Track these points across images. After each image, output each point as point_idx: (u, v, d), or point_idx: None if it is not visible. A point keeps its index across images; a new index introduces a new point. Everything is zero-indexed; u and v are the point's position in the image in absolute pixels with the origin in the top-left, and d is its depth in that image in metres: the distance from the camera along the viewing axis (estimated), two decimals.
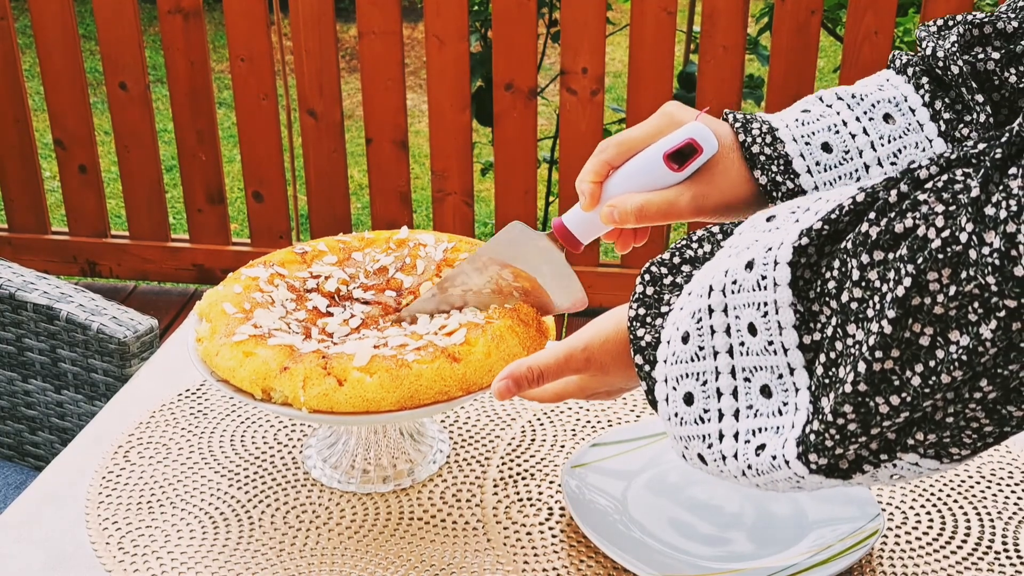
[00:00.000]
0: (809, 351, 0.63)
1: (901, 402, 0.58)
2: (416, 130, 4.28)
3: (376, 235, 1.13)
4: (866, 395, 0.58)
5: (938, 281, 0.55)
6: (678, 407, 0.69)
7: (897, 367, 0.57)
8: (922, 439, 0.60)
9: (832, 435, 0.61)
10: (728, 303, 0.65)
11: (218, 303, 1.01)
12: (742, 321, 0.65)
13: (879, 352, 0.57)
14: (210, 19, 4.90)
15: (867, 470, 0.62)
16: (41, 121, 3.99)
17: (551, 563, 0.94)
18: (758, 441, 0.65)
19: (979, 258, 0.53)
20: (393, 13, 2.52)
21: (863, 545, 0.93)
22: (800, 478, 0.64)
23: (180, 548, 0.96)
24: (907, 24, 3.03)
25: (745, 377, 0.65)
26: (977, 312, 0.54)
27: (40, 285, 1.41)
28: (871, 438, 0.60)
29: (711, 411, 0.67)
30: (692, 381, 0.68)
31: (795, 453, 0.63)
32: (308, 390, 0.91)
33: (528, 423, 1.13)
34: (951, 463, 0.63)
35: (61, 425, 1.44)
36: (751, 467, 0.66)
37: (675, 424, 0.70)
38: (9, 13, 2.68)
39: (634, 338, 0.73)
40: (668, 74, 2.51)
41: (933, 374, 0.56)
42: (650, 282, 0.75)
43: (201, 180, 2.79)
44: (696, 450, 0.68)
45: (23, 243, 2.92)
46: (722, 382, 0.66)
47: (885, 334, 0.57)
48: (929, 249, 0.55)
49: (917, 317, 0.56)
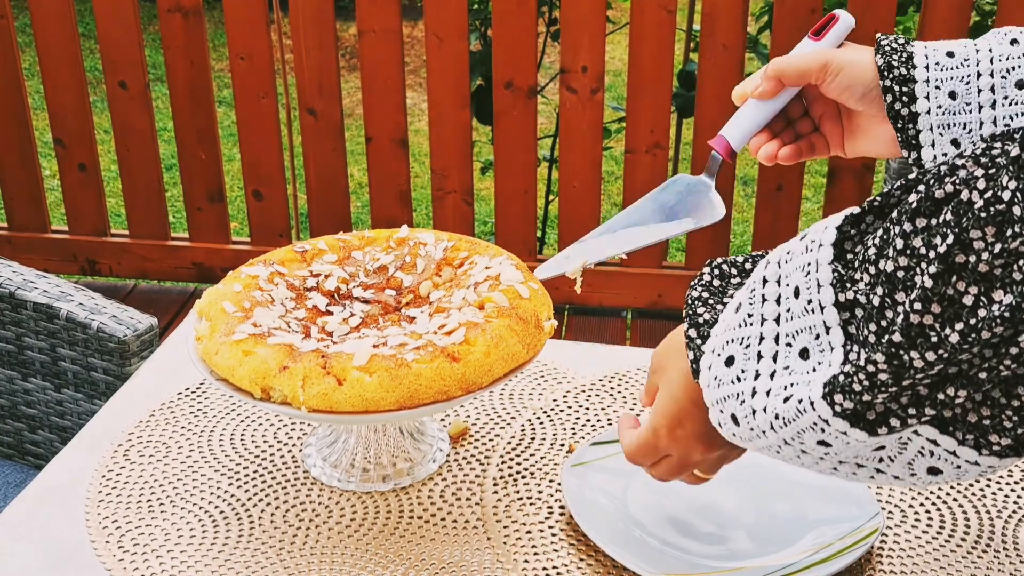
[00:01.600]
0: (845, 310, 0.63)
1: (937, 358, 0.57)
2: (416, 129, 4.28)
3: (376, 234, 1.13)
4: (900, 347, 0.58)
5: (982, 239, 0.55)
6: (718, 370, 0.70)
7: (937, 323, 0.57)
8: (953, 395, 0.59)
9: (861, 380, 0.60)
10: (781, 273, 0.67)
11: (218, 302, 1.01)
12: (790, 287, 0.66)
13: (918, 305, 0.57)
14: (210, 18, 4.90)
15: (894, 426, 0.62)
16: (41, 120, 3.99)
17: (551, 561, 0.95)
18: (788, 392, 0.65)
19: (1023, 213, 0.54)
20: (393, 11, 2.52)
21: (863, 544, 0.93)
22: (825, 423, 0.63)
23: (180, 547, 0.96)
24: (907, 23, 3.03)
25: (787, 343, 0.66)
26: (1022, 270, 0.54)
27: (40, 284, 1.41)
28: (902, 390, 0.60)
29: (748, 371, 0.68)
30: (736, 345, 0.69)
31: (820, 393, 0.62)
32: (307, 389, 0.91)
33: (528, 421, 1.13)
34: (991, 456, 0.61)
35: (61, 424, 1.44)
36: (778, 416, 0.65)
37: (713, 387, 0.71)
38: (9, 12, 2.68)
39: (692, 314, 0.75)
40: (668, 73, 2.51)
41: (973, 331, 0.56)
42: (718, 276, 0.78)
43: (201, 179, 2.79)
44: (730, 410, 0.69)
45: (23, 242, 2.92)
46: (764, 346, 0.67)
47: (926, 288, 0.57)
48: (973, 209, 0.55)
49: (961, 275, 0.56)
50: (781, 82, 0.94)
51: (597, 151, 2.62)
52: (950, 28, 2.37)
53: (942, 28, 2.37)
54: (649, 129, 2.56)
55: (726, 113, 2.61)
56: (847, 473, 0.69)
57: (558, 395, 1.17)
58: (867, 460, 0.67)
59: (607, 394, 1.18)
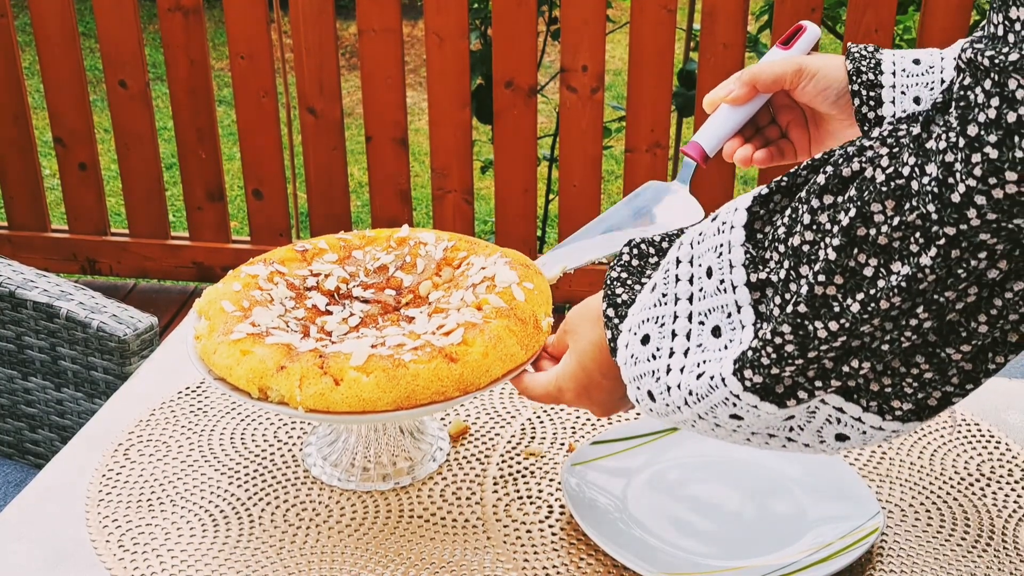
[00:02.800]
0: (756, 289, 0.65)
1: (839, 328, 0.60)
2: (416, 128, 4.28)
3: (377, 233, 1.13)
4: (805, 317, 0.61)
5: (882, 213, 0.58)
6: (635, 349, 0.73)
7: (839, 294, 0.59)
8: (857, 367, 0.62)
9: (768, 353, 0.63)
10: (694, 253, 0.69)
11: (217, 301, 1.01)
12: (703, 268, 0.68)
13: (822, 276, 0.60)
14: (210, 17, 4.90)
15: (802, 398, 0.64)
16: (41, 119, 3.99)
17: (551, 561, 0.95)
18: (700, 370, 0.68)
19: (920, 188, 0.56)
20: (393, 11, 2.52)
21: (863, 543, 0.93)
22: (736, 398, 0.66)
23: (180, 546, 0.96)
24: (907, 22, 3.03)
25: (700, 321, 0.69)
26: (918, 242, 0.57)
27: (40, 283, 1.41)
28: (808, 363, 0.62)
29: (663, 349, 0.71)
30: (651, 324, 0.72)
31: (731, 370, 0.65)
32: (304, 389, 0.91)
33: (528, 421, 1.13)
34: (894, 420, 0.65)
35: (61, 423, 1.44)
36: (692, 393, 0.68)
37: (630, 365, 0.74)
38: (9, 11, 2.68)
39: (611, 294, 0.78)
40: (668, 72, 2.51)
41: (873, 301, 0.58)
42: (636, 255, 0.80)
43: (201, 178, 2.79)
44: (646, 387, 0.72)
45: (23, 241, 2.92)
46: (678, 324, 0.70)
47: (830, 260, 0.59)
48: (875, 184, 0.58)
49: (862, 247, 0.58)
50: (755, 88, 0.97)
51: (597, 150, 2.62)
52: (950, 27, 2.37)
53: (942, 27, 2.37)
54: (649, 128, 2.56)
55: None
56: (759, 443, 0.71)
57: None
58: (778, 430, 0.69)
59: None
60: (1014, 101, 0.53)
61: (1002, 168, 0.53)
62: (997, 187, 0.53)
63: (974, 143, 0.54)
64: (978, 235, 0.55)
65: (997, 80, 0.53)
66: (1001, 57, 0.53)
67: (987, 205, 0.54)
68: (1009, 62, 0.53)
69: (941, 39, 2.38)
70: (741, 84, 0.98)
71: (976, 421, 1.11)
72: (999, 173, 0.53)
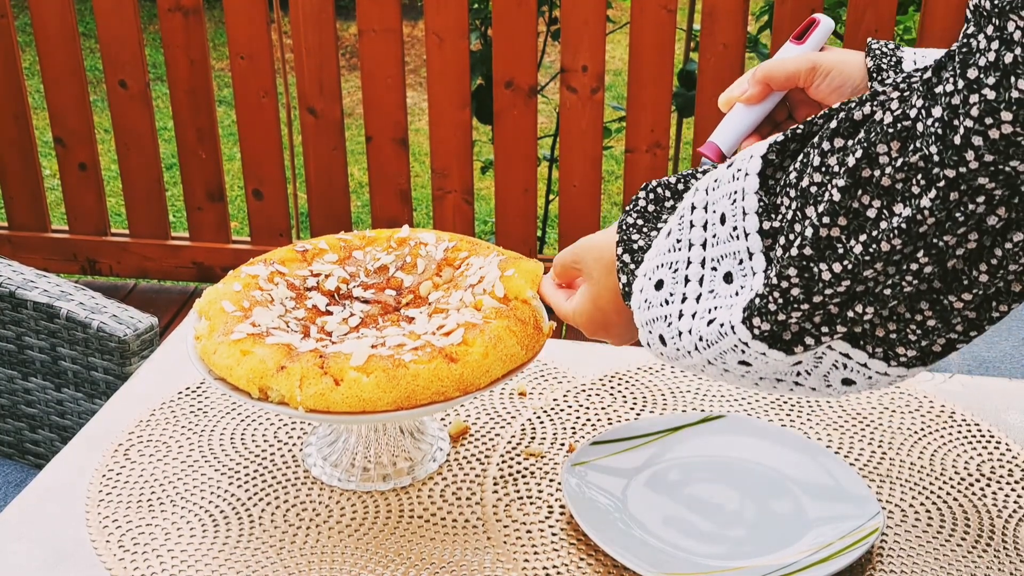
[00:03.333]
0: (768, 237, 0.66)
1: (843, 270, 0.61)
2: (416, 128, 4.28)
3: (377, 234, 1.13)
4: (810, 259, 0.61)
5: (887, 154, 0.58)
6: (649, 294, 0.74)
7: (843, 235, 0.60)
8: (861, 312, 0.62)
9: (775, 298, 0.64)
10: (709, 200, 0.70)
11: (217, 301, 1.01)
12: (717, 214, 0.69)
13: (827, 218, 0.60)
14: (210, 17, 4.90)
15: (809, 344, 0.65)
16: (41, 119, 3.99)
17: (551, 561, 0.95)
18: (711, 316, 0.69)
19: (925, 130, 0.57)
20: (393, 11, 2.52)
21: (863, 543, 0.93)
22: (745, 346, 0.67)
23: (180, 546, 0.96)
24: (907, 22, 3.03)
25: (712, 267, 0.69)
26: (920, 184, 0.57)
27: (40, 283, 1.41)
28: (814, 308, 0.63)
29: (676, 294, 0.72)
30: (665, 270, 0.73)
31: (740, 318, 0.66)
32: (304, 389, 0.91)
33: (528, 421, 1.13)
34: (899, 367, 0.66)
35: (61, 423, 1.44)
36: (702, 339, 0.69)
37: (643, 310, 0.74)
38: (9, 11, 2.68)
39: (626, 239, 0.78)
40: (668, 72, 2.51)
41: (874, 243, 0.59)
42: (653, 200, 0.80)
43: (201, 178, 2.79)
44: (658, 331, 0.73)
45: (23, 241, 2.92)
46: (691, 270, 0.71)
47: (834, 201, 0.60)
48: (882, 125, 0.59)
49: (867, 189, 0.59)
50: (769, 86, 0.96)
51: (597, 150, 2.62)
52: (950, 27, 2.37)
53: (942, 27, 2.37)
54: (649, 128, 2.56)
55: None
56: (768, 388, 0.72)
57: (558, 394, 1.17)
58: (785, 375, 0.71)
59: (607, 393, 1.18)
60: (1011, 42, 0.53)
61: (998, 108, 0.54)
62: (993, 127, 0.54)
63: (973, 85, 0.55)
64: (976, 178, 0.56)
65: (998, 24, 0.54)
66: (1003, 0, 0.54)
67: (984, 146, 0.55)
68: (1007, 3, 0.53)
69: (941, 39, 2.38)
70: (755, 82, 0.97)
71: (976, 421, 1.11)
72: (995, 113, 0.54)
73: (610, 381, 1.20)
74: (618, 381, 1.20)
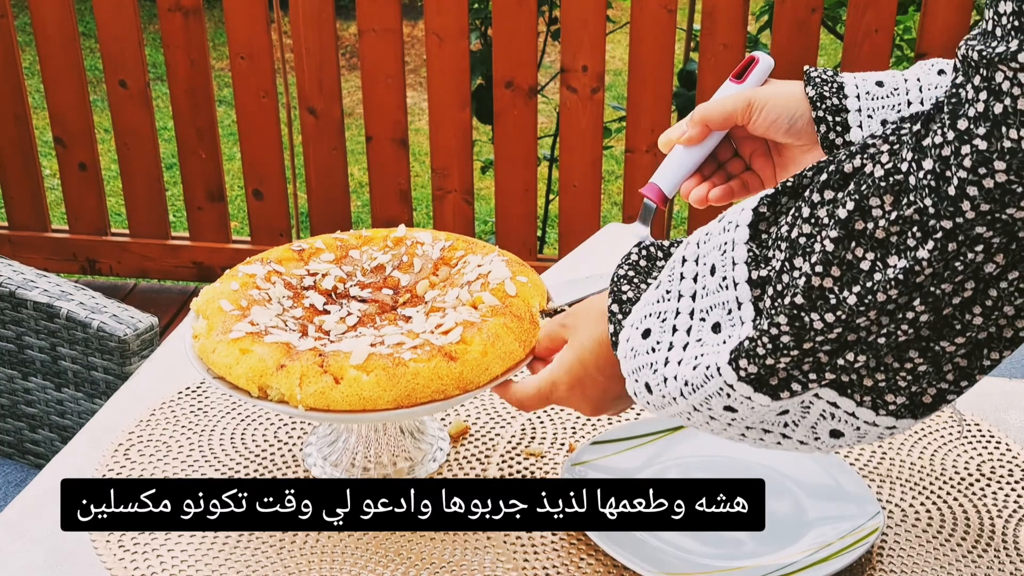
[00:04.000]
0: (757, 287, 0.66)
1: (836, 319, 0.61)
2: (416, 128, 4.28)
3: (374, 233, 1.13)
4: (801, 308, 0.61)
5: (880, 207, 0.59)
6: (636, 342, 0.74)
7: (836, 286, 0.60)
8: (852, 360, 0.62)
9: (764, 343, 0.64)
10: (700, 253, 0.70)
11: (215, 300, 1.01)
12: (707, 266, 0.69)
13: (819, 268, 0.61)
14: (210, 17, 4.90)
15: (796, 390, 0.65)
16: (41, 119, 3.99)
17: (551, 560, 0.95)
18: (697, 361, 0.69)
19: (917, 183, 0.57)
20: (393, 11, 2.52)
21: (863, 543, 0.93)
22: (731, 388, 0.66)
23: (180, 546, 0.96)
24: (907, 22, 3.03)
25: (701, 318, 0.70)
26: (915, 236, 0.58)
27: (40, 283, 1.41)
28: (803, 354, 0.63)
29: (663, 343, 0.72)
30: (653, 319, 0.73)
31: (727, 359, 0.66)
32: (304, 388, 0.91)
33: (528, 421, 1.13)
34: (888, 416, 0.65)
35: (61, 423, 1.44)
36: (687, 383, 0.69)
37: (630, 358, 0.74)
38: (9, 11, 2.68)
39: (617, 290, 0.78)
40: (668, 72, 2.51)
41: (869, 294, 0.59)
42: (645, 256, 0.81)
43: (201, 178, 2.79)
44: (644, 379, 0.73)
45: (23, 241, 2.92)
46: (679, 320, 0.71)
47: (827, 252, 0.60)
48: (873, 178, 0.59)
49: (860, 241, 0.59)
50: (707, 127, 0.98)
51: (597, 150, 2.62)
52: (950, 27, 2.37)
53: (942, 27, 2.37)
54: (649, 128, 2.56)
55: None
56: (754, 439, 0.72)
57: None
58: (772, 425, 0.70)
59: None
60: (1000, 92, 0.54)
61: (991, 158, 0.54)
62: (987, 177, 0.55)
63: (963, 136, 0.55)
64: (974, 228, 0.56)
65: (985, 74, 0.54)
66: (989, 50, 0.54)
67: (979, 196, 0.55)
68: (996, 54, 0.54)
69: (941, 39, 2.38)
70: (693, 124, 0.98)
71: (976, 421, 1.11)
72: (988, 163, 0.54)
73: None
74: None
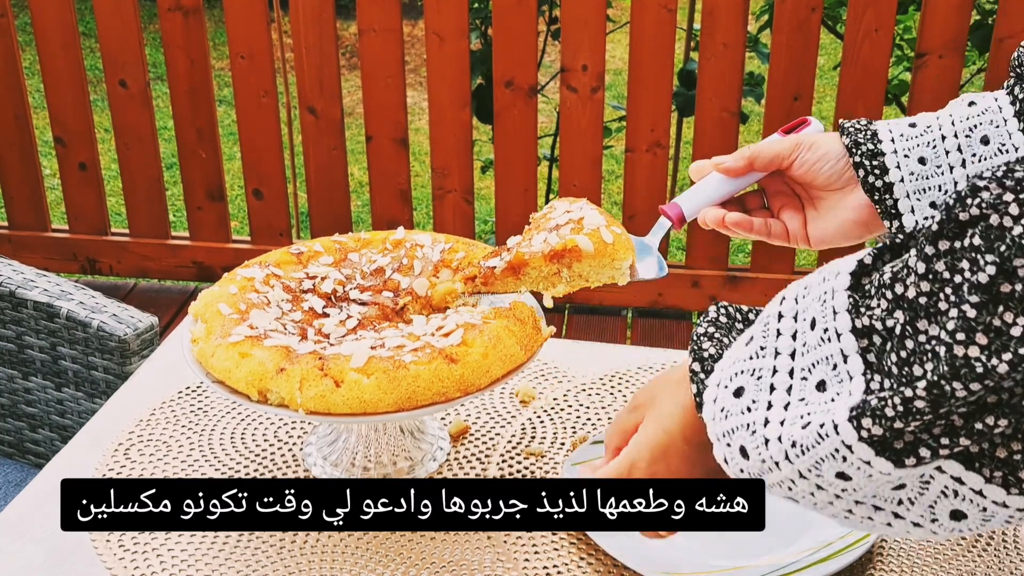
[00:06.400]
0: (863, 337, 0.61)
1: (982, 388, 0.55)
2: (416, 127, 4.28)
3: (372, 235, 1.13)
4: (943, 377, 0.56)
5: None
6: (726, 401, 0.67)
7: (983, 355, 0.55)
8: (992, 424, 0.56)
9: (895, 405, 0.57)
10: (799, 308, 0.65)
11: (213, 304, 1.00)
12: (807, 321, 0.64)
13: (960, 336, 0.55)
14: (210, 16, 4.90)
15: (923, 456, 0.58)
16: (41, 119, 3.99)
17: (551, 560, 0.95)
18: (806, 420, 0.62)
19: None
20: (393, 10, 2.52)
21: (863, 543, 0.93)
22: (848, 450, 0.59)
23: (180, 546, 0.96)
24: (907, 22, 3.03)
25: (803, 376, 0.64)
26: None
27: (40, 283, 1.41)
28: (936, 418, 0.57)
29: (760, 401, 0.65)
30: (746, 376, 0.67)
31: (846, 417, 0.59)
32: (305, 391, 0.91)
33: (528, 420, 1.13)
34: (1021, 495, 0.58)
35: (61, 423, 1.44)
36: (795, 444, 0.62)
37: (719, 420, 0.68)
38: (9, 11, 2.68)
39: (697, 348, 0.73)
40: (668, 71, 2.51)
41: (1022, 361, 0.54)
42: (725, 315, 0.76)
43: (201, 177, 2.79)
44: (739, 442, 0.66)
45: (23, 240, 2.93)
46: (777, 379, 0.65)
47: (968, 318, 0.55)
48: (1011, 236, 0.54)
49: (1008, 305, 0.54)
50: (751, 164, 0.98)
51: (597, 150, 2.62)
52: (950, 27, 2.37)
53: (942, 27, 2.37)
54: (649, 128, 2.56)
55: (725, 112, 2.60)
56: (862, 517, 0.65)
57: (558, 394, 1.17)
58: (885, 502, 0.64)
59: (607, 393, 1.18)
60: None
61: None
62: None
63: None
64: None
65: None
66: None
67: None
68: None
69: (941, 39, 2.38)
70: (739, 157, 0.98)
71: None
72: None
73: (610, 380, 1.20)
74: (618, 380, 1.20)
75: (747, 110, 3.41)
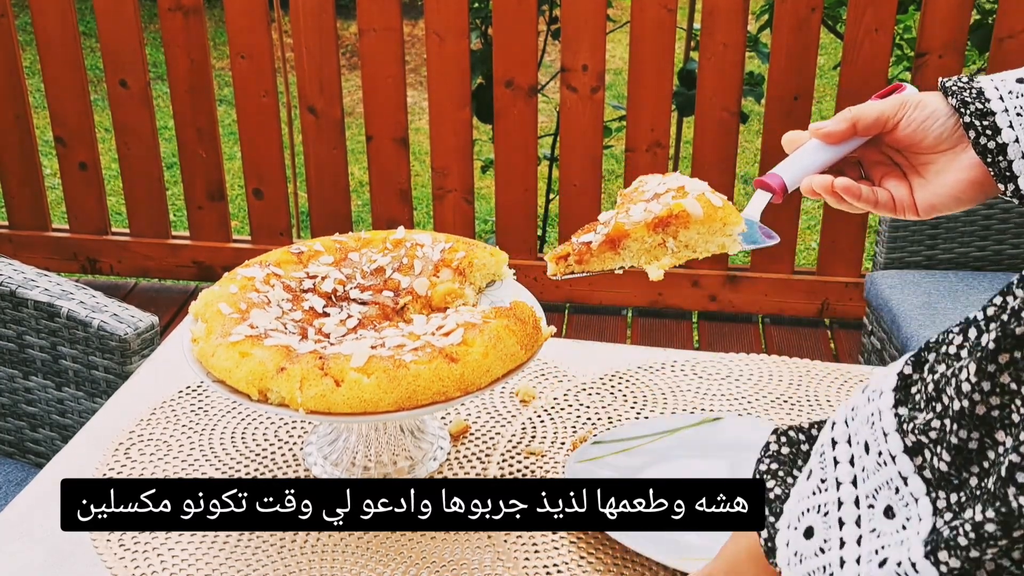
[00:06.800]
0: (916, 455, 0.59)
1: None
2: (416, 127, 4.28)
3: (373, 235, 1.13)
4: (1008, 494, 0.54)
5: None
6: (798, 545, 0.65)
7: None
8: None
9: (966, 531, 0.55)
10: (851, 432, 0.63)
11: (213, 303, 1.00)
12: (860, 445, 0.62)
13: None
14: (210, 16, 4.90)
15: None
16: (42, 118, 3.99)
17: (551, 559, 0.95)
18: (882, 556, 0.60)
19: None
20: (393, 10, 2.52)
21: None
22: None
23: (180, 545, 0.96)
24: (907, 21, 3.03)
25: (869, 504, 0.62)
26: None
27: (41, 282, 1.41)
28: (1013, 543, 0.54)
29: (832, 540, 0.63)
30: (813, 514, 0.65)
31: (922, 553, 0.57)
32: (305, 391, 0.91)
33: (528, 420, 1.13)
34: None
35: (62, 422, 1.44)
36: None
37: (794, 565, 0.65)
38: (10, 10, 2.68)
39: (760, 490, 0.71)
40: (668, 71, 2.51)
41: None
42: (786, 443, 0.74)
43: (201, 177, 2.79)
44: None
45: (24, 240, 2.93)
46: (844, 511, 0.63)
47: None
48: None
49: None
50: (854, 127, 0.91)
51: (597, 149, 2.62)
52: (950, 27, 2.37)
53: (942, 27, 2.37)
54: (649, 127, 2.56)
55: (725, 112, 2.60)
56: None
57: (559, 393, 1.17)
58: None
59: (607, 392, 1.18)
60: None
61: None
62: None
63: None
64: None
65: None
66: None
67: None
68: None
69: (941, 38, 2.38)
70: (841, 120, 0.91)
71: None
72: None
73: (610, 379, 1.20)
74: (618, 381, 1.20)
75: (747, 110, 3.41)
